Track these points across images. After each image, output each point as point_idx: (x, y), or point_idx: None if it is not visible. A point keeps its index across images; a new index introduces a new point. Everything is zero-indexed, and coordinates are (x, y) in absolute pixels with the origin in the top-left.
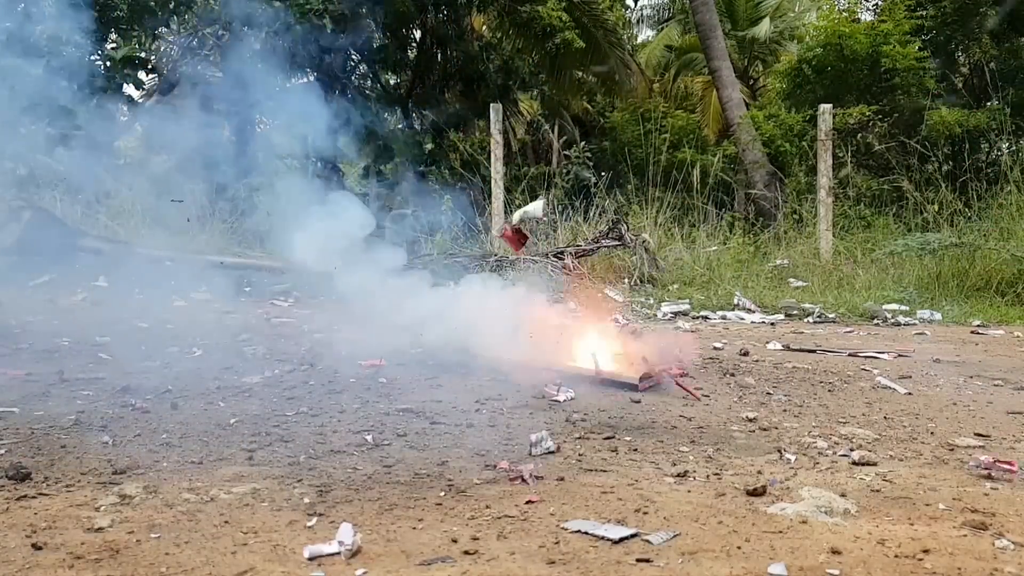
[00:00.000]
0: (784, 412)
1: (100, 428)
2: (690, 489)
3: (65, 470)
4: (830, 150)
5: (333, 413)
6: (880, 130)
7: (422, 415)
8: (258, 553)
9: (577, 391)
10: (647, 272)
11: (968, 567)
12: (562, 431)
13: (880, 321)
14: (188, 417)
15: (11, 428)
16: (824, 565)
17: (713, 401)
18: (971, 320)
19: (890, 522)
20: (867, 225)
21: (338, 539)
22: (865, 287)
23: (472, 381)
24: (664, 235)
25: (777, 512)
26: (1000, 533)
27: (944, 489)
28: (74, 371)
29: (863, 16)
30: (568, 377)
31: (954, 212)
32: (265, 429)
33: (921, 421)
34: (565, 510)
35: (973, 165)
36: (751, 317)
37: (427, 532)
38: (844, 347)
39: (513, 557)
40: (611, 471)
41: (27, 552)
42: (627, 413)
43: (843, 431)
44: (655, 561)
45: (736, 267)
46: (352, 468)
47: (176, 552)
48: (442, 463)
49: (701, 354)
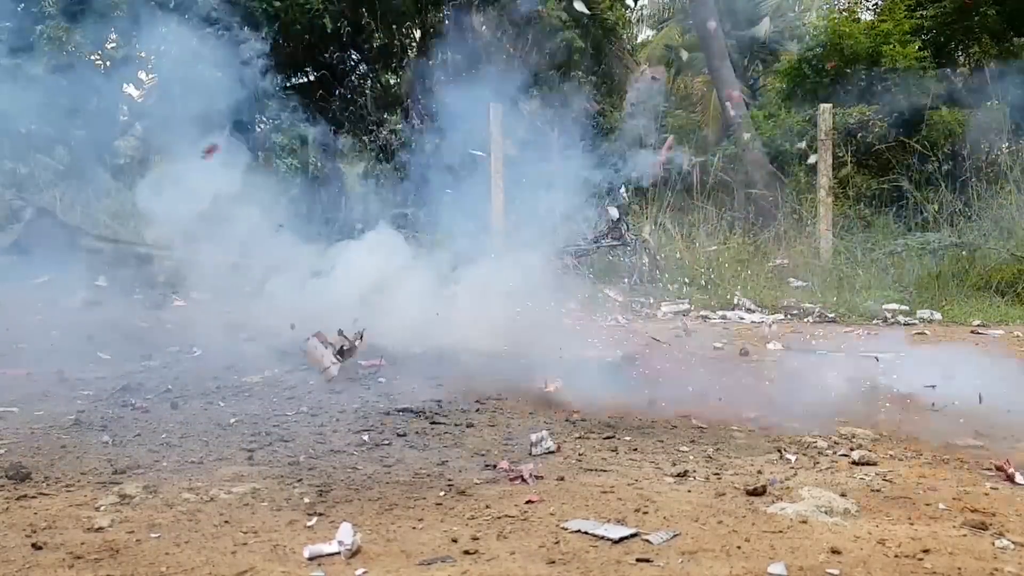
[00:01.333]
0: (783, 412)
1: (100, 428)
2: (690, 489)
3: (65, 470)
4: (830, 150)
5: (333, 413)
6: (880, 130)
7: (422, 415)
8: (258, 553)
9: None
10: (647, 272)
11: (968, 567)
12: (562, 431)
13: (880, 321)
14: (188, 417)
15: (11, 428)
16: (824, 565)
17: (712, 401)
18: (971, 320)
19: (890, 522)
20: (867, 225)
21: (338, 539)
22: (865, 287)
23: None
24: (664, 235)
25: (777, 512)
26: (1000, 533)
27: (944, 489)
28: (74, 371)
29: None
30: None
31: (954, 212)
32: (265, 429)
33: (921, 421)
34: (565, 510)
35: (973, 165)
36: (751, 317)
37: (427, 532)
38: (844, 347)
39: (513, 557)
40: (611, 471)
41: (27, 552)
42: (627, 413)
43: (843, 431)
44: (655, 561)
45: (736, 267)
46: (352, 468)
47: (176, 552)
48: (442, 463)
49: (700, 354)
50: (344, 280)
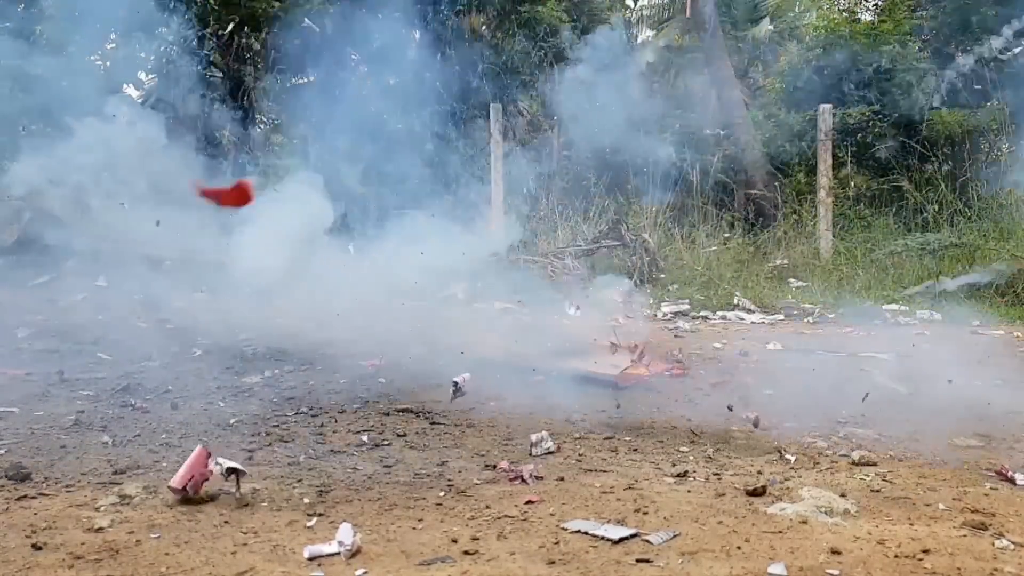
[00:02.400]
0: (784, 412)
1: (100, 428)
2: (690, 489)
3: (65, 470)
4: (830, 150)
5: (333, 413)
6: (880, 130)
7: (422, 415)
8: (258, 553)
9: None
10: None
11: (968, 567)
12: (562, 431)
13: (880, 321)
14: (188, 417)
15: (11, 428)
16: (824, 565)
17: (713, 401)
18: (971, 320)
19: (890, 522)
20: (867, 225)
21: (338, 539)
22: (865, 287)
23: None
24: (664, 235)
25: (777, 512)
26: (1000, 533)
27: (944, 489)
28: (74, 371)
29: (863, 16)
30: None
31: (954, 212)
32: (265, 429)
33: (921, 421)
34: (565, 510)
35: (973, 165)
36: (751, 317)
37: (427, 532)
38: (844, 347)
39: (513, 557)
40: (611, 471)
41: (27, 552)
42: (627, 413)
43: (843, 431)
44: (655, 561)
45: (736, 267)
46: (352, 468)
47: (176, 552)
48: (442, 463)
49: (700, 354)
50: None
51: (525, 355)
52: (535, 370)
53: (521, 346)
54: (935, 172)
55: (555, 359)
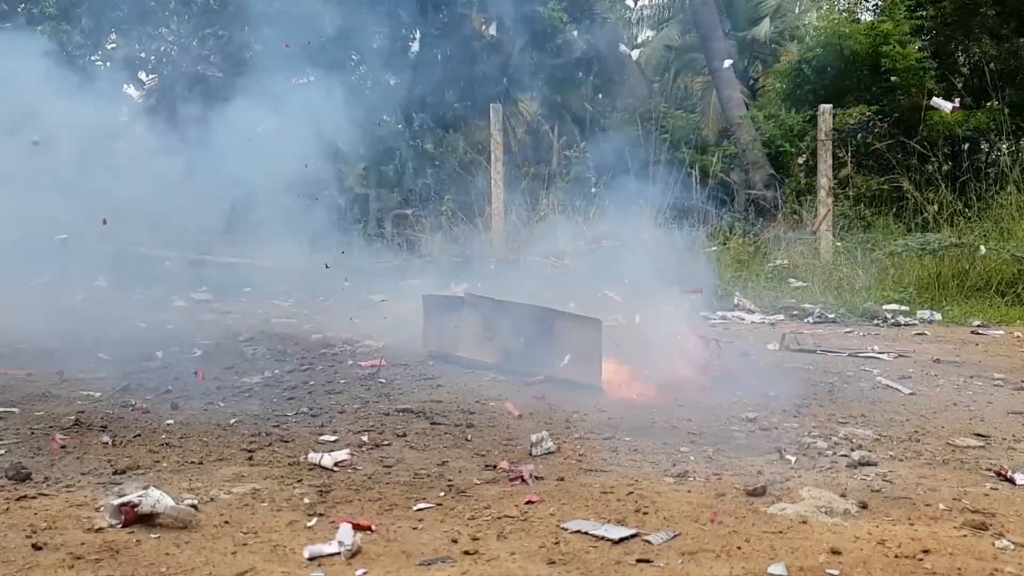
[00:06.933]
0: (784, 412)
1: (100, 428)
2: (690, 489)
3: (65, 470)
4: (830, 150)
5: (333, 413)
6: (880, 130)
7: (422, 415)
8: (258, 553)
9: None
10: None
11: (968, 567)
12: (562, 431)
13: (880, 321)
14: (188, 417)
15: (11, 428)
16: (824, 565)
17: (713, 401)
18: (971, 320)
19: (890, 522)
20: (867, 225)
21: (338, 539)
22: (865, 287)
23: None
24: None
25: (777, 512)
26: (1000, 533)
27: (944, 489)
28: (74, 371)
29: (863, 16)
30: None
31: (954, 212)
32: (265, 429)
33: (921, 421)
34: (565, 510)
35: (973, 165)
36: (751, 317)
37: (427, 532)
38: (844, 347)
39: (513, 557)
40: (611, 471)
41: (27, 552)
42: (627, 413)
43: (843, 431)
44: (655, 561)
45: (736, 267)
46: (352, 468)
47: (176, 552)
48: (442, 463)
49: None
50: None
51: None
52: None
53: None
54: (935, 172)
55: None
